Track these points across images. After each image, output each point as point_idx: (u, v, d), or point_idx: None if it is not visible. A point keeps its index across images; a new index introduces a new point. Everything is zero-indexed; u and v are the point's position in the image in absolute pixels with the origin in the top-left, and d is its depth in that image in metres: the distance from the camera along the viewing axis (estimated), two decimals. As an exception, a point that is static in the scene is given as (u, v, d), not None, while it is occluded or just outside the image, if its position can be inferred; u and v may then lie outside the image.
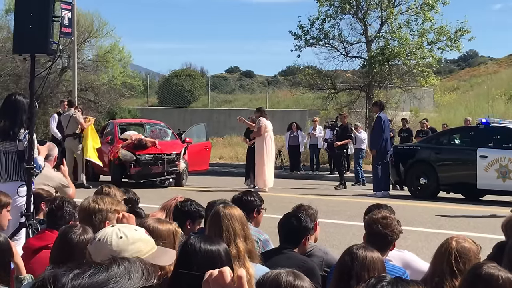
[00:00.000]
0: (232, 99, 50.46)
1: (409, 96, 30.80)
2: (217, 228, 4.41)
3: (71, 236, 3.89)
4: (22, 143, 6.67)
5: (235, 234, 4.38)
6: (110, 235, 3.10)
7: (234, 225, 4.41)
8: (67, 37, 23.82)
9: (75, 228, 3.98)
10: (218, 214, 4.48)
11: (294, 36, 28.98)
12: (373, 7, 28.49)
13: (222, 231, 4.37)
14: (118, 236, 3.09)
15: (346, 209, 13.51)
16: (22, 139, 6.68)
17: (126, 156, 17.93)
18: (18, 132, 6.72)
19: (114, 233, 3.12)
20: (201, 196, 11.88)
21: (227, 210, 4.51)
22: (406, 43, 27.17)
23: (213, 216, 4.54)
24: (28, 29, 6.37)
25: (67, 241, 3.90)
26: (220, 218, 4.44)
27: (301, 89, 31.72)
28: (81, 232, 3.94)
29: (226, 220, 4.42)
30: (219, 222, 4.43)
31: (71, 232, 3.92)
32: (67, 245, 3.90)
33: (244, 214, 4.74)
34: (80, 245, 3.84)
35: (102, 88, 34.29)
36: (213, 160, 25.96)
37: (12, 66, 31.91)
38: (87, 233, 3.96)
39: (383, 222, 4.83)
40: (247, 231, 4.50)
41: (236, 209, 4.61)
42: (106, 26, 35.16)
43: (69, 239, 3.88)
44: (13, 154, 6.72)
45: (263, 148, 17.21)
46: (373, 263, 3.85)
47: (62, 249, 3.93)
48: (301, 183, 20.81)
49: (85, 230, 3.97)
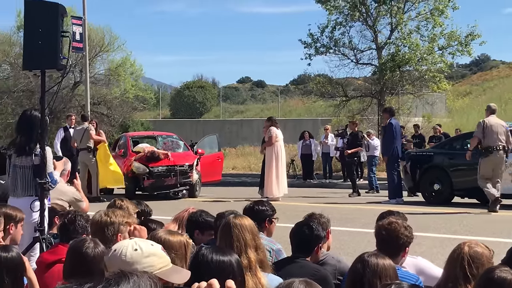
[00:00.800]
0: (244, 109, 50.51)
1: (421, 102, 30.73)
2: (227, 239, 4.40)
3: (86, 250, 3.90)
4: (38, 157, 6.70)
5: (246, 244, 4.36)
6: (126, 246, 3.12)
7: (244, 235, 4.40)
8: (78, 52, 23.94)
9: (86, 241, 3.98)
10: (228, 225, 4.47)
11: (304, 45, 29.01)
12: (382, 13, 28.45)
13: (232, 242, 4.36)
14: (133, 248, 3.11)
15: (360, 217, 13.45)
16: (38, 154, 6.71)
17: (139, 168, 17.97)
18: (34, 147, 6.76)
19: (130, 245, 3.13)
20: (214, 207, 11.88)
21: (237, 220, 4.50)
22: (416, 49, 27.11)
23: (223, 227, 4.53)
24: (38, 45, 6.40)
25: (81, 255, 3.91)
26: (231, 229, 4.43)
27: (312, 97, 31.72)
28: (94, 245, 3.95)
29: (236, 230, 4.41)
30: (230, 232, 4.42)
31: (84, 246, 3.93)
32: (80, 259, 3.91)
33: (255, 224, 4.73)
34: (94, 258, 3.86)
35: (114, 101, 34.42)
36: (226, 171, 25.99)
37: (25, 82, 32.09)
38: (99, 245, 3.97)
39: (389, 228, 4.80)
40: (258, 241, 4.48)
41: (246, 219, 4.60)
42: (117, 40, 35.32)
43: (85, 253, 3.89)
44: (29, 169, 6.75)
45: (272, 157, 17.16)
46: (385, 270, 3.83)
47: (75, 263, 3.94)
48: (314, 191, 20.77)
49: (96, 243, 3.98)
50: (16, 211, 5.44)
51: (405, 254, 4.88)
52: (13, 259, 3.95)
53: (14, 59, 31.99)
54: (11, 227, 5.34)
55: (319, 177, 25.14)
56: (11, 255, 3.94)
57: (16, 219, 5.38)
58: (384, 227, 4.83)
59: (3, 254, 3.92)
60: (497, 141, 14.03)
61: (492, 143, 14.03)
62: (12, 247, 4.12)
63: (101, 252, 3.90)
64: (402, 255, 4.82)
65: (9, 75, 34.06)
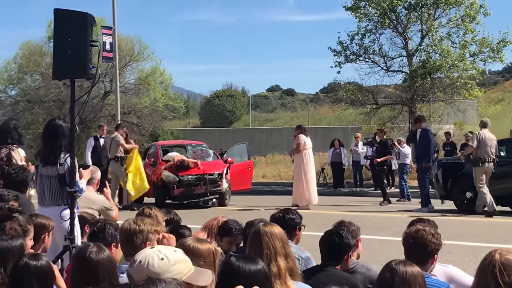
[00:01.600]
0: (274, 117, 50.48)
1: (452, 109, 30.45)
2: (257, 247, 4.39)
3: (90, 255, 3.90)
4: (63, 166, 6.73)
5: (276, 252, 4.34)
6: (152, 256, 3.10)
7: (274, 243, 4.38)
8: (108, 61, 24.13)
9: (89, 246, 3.98)
10: (258, 233, 4.46)
11: (334, 53, 28.89)
12: (413, 20, 28.27)
13: (262, 249, 4.34)
14: (160, 258, 3.09)
15: (391, 225, 13.34)
16: (63, 163, 6.74)
17: (169, 177, 18.02)
18: (59, 156, 6.79)
19: (155, 254, 3.11)
20: (244, 216, 11.86)
21: (267, 228, 4.49)
22: (448, 56, 26.86)
23: (253, 235, 4.52)
24: (67, 54, 6.44)
25: (85, 260, 3.91)
26: (261, 237, 4.41)
27: (342, 105, 31.58)
28: (98, 250, 3.95)
29: (266, 238, 4.39)
30: (260, 240, 4.40)
31: (88, 251, 3.93)
32: (84, 264, 3.91)
33: (285, 232, 4.71)
34: (98, 263, 3.85)
35: (144, 111, 34.60)
36: (255, 179, 25.97)
37: (56, 92, 32.41)
38: (103, 251, 3.97)
39: (416, 236, 4.76)
40: (287, 249, 4.46)
41: (276, 227, 4.58)
42: (147, 50, 35.52)
43: (88, 258, 3.89)
44: (55, 178, 6.78)
45: (301, 165, 17.12)
46: (414, 278, 3.80)
47: (79, 268, 3.95)
48: (345, 200, 20.66)
49: (100, 248, 3.98)
50: (48, 220, 5.48)
51: (434, 262, 4.82)
52: (43, 268, 3.96)
53: (45, 69, 32.31)
54: (46, 236, 5.37)
55: (350, 185, 25.01)
56: (40, 264, 3.96)
57: (49, 228, 5.42)
58: (411, 235, 4.79)
59: (33, 262, 3.94)
60: (489, 153, 15.36)
61: (483, 155, 15.35)
62: (41, 255, 4.14)
63: (106, 257, 3.89)
64: (430, 262, 4.77)
65: (40, 85, 34.40)
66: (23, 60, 34.18)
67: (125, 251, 4.76)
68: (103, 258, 3.88)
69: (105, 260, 3.87)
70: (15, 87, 35.22)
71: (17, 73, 34.90)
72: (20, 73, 34.76)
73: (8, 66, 34.88)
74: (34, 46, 34.45)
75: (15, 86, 35.21)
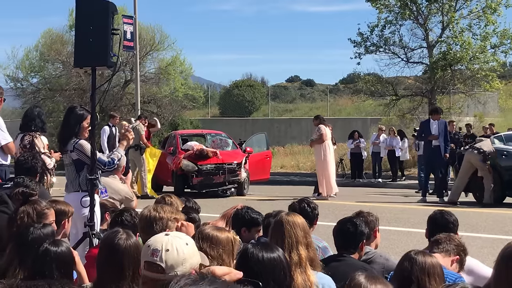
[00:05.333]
0: (293, 108, 50.39)
1: (473, 101, 30.28)
2: (279, 236, 4.43)
3: (118, 242, 3.93)
4: (75, 153, 6.76)
5: (297, 241, 4.38)
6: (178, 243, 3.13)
7: (296, 232, 4.42)
8: (129, 50, 24.19)
9: (119, 233, 4.00)
10: (280, 222, 4.51)
11: (354, 44, 28.80)
12: (434, 12, 28.11)
13: (284, 238, 4.39)
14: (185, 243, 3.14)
15: (409, 216, 13.33)
16: (73, 149, 6.75)
17: (188, 166, 18.08)
18: (67, 142, 6.81)
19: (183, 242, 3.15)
20: (262, 205, 11.91)
21: (289, 217, 4.53)
22: (468, 47, 26.68)
23: (275, 224, 4.56)
24: (88, 42, 6.47)
25: (112, 246, 3.94)
26: (283, 225, 4.45)
27: (362, 96, 31.50)
28: (126, 237, 3.98)
29: (288, 227, 4.44)
30: (282, 229, 4.45)
31: (117, 237, 3.95)
32: (112, 250, 3.94)
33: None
34: (125, 250, 3.88)
35: (164, 100, 34.69)
36: (274, 169, 25.99)
37: (77, 80, 32.59)
38: (131, 237, 4.00)
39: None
40: (309, 239, 4.49)
41: (298, 216, 4.62)
42: (168, 39, 35.54)
43: (116, 244, 3.92)
44: (71, 165, 6.82)
45: (321, 155, 17.11)
46: (433, 268, 3.84)
47: (106, 254, 3.97)
48: (364, 191, 20.65)
49: (128, 235, 4.01)
50: (67, 206, 5.52)
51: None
52: (63, 253, 3.99)
53: (66, 58, 32.48)
54: (65, 222, 5.42)
55: (368, 177, 24.95)
56: (61, 250, 3.99)
57: (68, 214, 5.46)
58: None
59: (53, 248, 3.97)
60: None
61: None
62: (62, 241, 4.17)
63: (133, 245, 3.92)
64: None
65: (61, 73, 34.60)
66: (44, 48, 34.37)
67: (144, 238, 4.80)
68: (130, 245, 3.90)
69: (132, 247, 3.89)
70: (36, 75, 35.46)
71: (38, 61, 35.11)
72: (41, 61, 34.98)
73: (30, 54, 35.10)
74: (55, 34, 34.62)
75: (36, 74, 35.44)
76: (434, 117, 16.87)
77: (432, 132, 16.58)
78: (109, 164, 6.79)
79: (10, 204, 5.92)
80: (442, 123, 16.81)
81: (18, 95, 34.25)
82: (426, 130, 16.76)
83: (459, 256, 4.80)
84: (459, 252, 4.81)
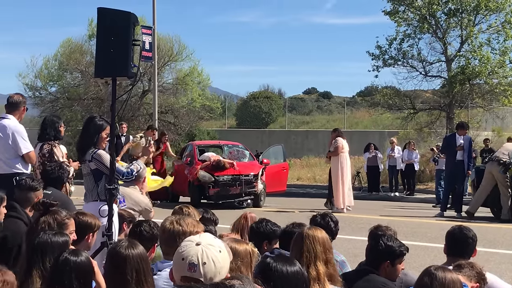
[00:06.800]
0: (310, 120, 50.36)
1: (491, 116, 30.14)
2: (298, 249, 4.43)
3: (119, 249, 3.97)
4: (93, 163, 6.80)
5: (316, 256, 4.37)
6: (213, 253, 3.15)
7: (315, 247, 4.42)
8: (147, 61, 24.29)
9: (121, 241, 4.05)
10: (301, 235, 4.52)
11: (372, 57, 28.77)
12: (452, 26, 28.04)
13: (303, 252, 4.39)
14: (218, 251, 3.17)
15: (426, 231, 13.25)
16: (91, 159, 6.80)
17: (205, 177, 18.09)
18: (85, 152, 6.85)
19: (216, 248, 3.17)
20: (279, 217, 11.88)
21: (311, 231, 4.52)
22: (487, 62, 26.58)
23: (296, 237, 4.57)
24: (109, 53, 6.49)
25: (116, 255, 3.98)
26: (303, 240, 4.46)
27: (379, 109, 31.44)
28: (128, 246, 4.02)
29: (308, 241, 4.44)
30: (301, 243, 4.45)
31: (118, 246, 4.00)
32: (113, 258, 3.98)
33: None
34: (127, 258, 3.92)
35: (181, 110, 34.80)
36: (290, 181, 25.96)
37: (95, 90, 32.75)
38: (136, 246, 4.03)
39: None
40: (329, 255, 4.48)
41: (320, 231, 4.60)
42: (186, 50, 35.68)
43: (118, 252, 3.96)
44: (89, 175, 6.86)
45: (338, 168, 17.07)
46: (453, 284, 3.82)
47: (109, 262, 4.02)
48: (380, 204, 20.56)
49: (133, 243, 4.05)
50: (94, 219, 5.47)
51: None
52: (83, 263, 4.01)
53: (85, 67, 32.69)
54: (90, 236, 5.38)
55: (385, 190, 24.87)
56: (80, 259, 4.00)
57: (94, 228, 5.43)
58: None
59: (73, 258, 3.98)
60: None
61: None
62: (81, 251, 4.18)
63: (137, 253, 3.95)
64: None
65: (79, 82, 34.81)
66: (63, 58, 34.60)
67: (166, 250, 4.80)
68: (133, 253, 3.94)
69: (134, 255, 3.92)
70: (55, 84, 35.68)
71: (57, 70, 35.34)
72: (60, 71, 35.20)
73: (49, 63, 35.35)
74: (74, 44, 34.85)
75: (55, 83, 35.66)
76: (460, 132, 16.82)
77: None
78: (127, 175, 6.83)
79: (19, 208, 5.96)
80: (467, 139, 16.76)
81: (36, 104, 34.44)
82: (451, 145, 16.74)
83: (479, 284, 4.77)
84: (479, 280, 4.78)
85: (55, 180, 7.12)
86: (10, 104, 8.63)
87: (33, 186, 6.17)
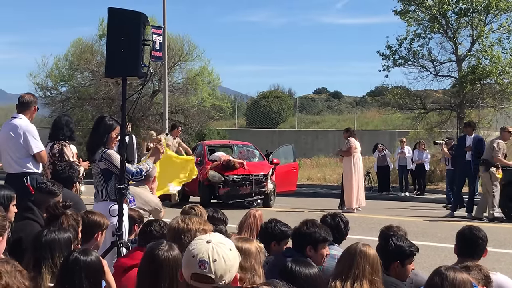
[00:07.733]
0: (320, 120, 50.28)
1: (502, 116, 30.03)
2: (347, 263, 4.47)
3: (158, 252, 3.95)
4: (102, 162, 6.81)
5: (363, 275, 4.43)
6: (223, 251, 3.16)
7: (364, 265, 4.46)
8: (158, 61, 24.14)
9: (161, 244, 4.03)
10: (354, 250, 4.56)
11: (382, 57, 28.74)
12: (463, 25, 27.96)
13: (351, 267, 4.42)
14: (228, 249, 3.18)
15: (436, 231, 13.22)
16: (100, 159, 6.81)
17: (215, 177, 18.11)
18: (94, 152, 6.87)
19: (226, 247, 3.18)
20: (289, 217, 11.88)
21: (364, 249, 4.54)
22: (498, 62, 26.50)
23: (348, 250, 4.62)
24: (120, 53, 6.52)
25: (152, 256, 3.96)
26: (355, 255, 4.50)
27: (389, 109, 31.39)
28: (168, 249, 4.00)
29: (359, 258, 4.49)
30: (353, 258, 4.50)
31: (158, 248, 3.98)
32: (149, 260, 3.96)
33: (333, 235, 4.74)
34: (164, 261, 3.90)
35: (191, 110, 34.79)
36: (300, 181, 25.93)
37: (105, 89, 32.79)
38: (173, 250, 4.01)
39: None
40: (375, 277, 4.49)
41: (373, 251, 4.62)
42: (196, 50, 35.67)
43: (156, 255, 3.94)
44: (99, 174, 6.87)
45: (351, 168, 17.08)
46: (464, 284, 3.81)
47: (145, 264, 4.00)
48: (391, 204, 20.53)
49: (170, 247, 4.03)
50: (103, 218, 5.52)
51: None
52: (93, 263, 4.02)
53: (96, 67, 32.73)
54: (98, 235, 5.43)
55: (395, 190, 24.81)
56: (90, 259, 4.02)
57: (103, 226, 5.47)
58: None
59: (83, 257, 4.00)
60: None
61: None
62: (91, 251, 4.20)
63: (173, 257, 3.93)
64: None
65: (90, 82, 34.85)
66: (74, 58, 34.64)
67: None
68: (169, 257, 3.92)
69: (171, 259, 3.91)
70: (65, 84, 35.75)
71: (68, 70, 35.39)
72: (71, 70, 35.25)
73: (60, 63, 35.41)
74: (85, 43, 34.88)
75: (65, 83, 35.73)
76: (466, 131, 16.85)
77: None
78: (136, 175, 6.83)
79: (36, 211, 5.98)
80: (476, 138, 16.71)
81: (47, 104, 34.50)
82: (462, 145, 16.79)
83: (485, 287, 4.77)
84: (486, 284, 4.77)
85: (65, 180, 7.15)
86: (21, 103, 8.67)
87: (52, 190, 6.19)
